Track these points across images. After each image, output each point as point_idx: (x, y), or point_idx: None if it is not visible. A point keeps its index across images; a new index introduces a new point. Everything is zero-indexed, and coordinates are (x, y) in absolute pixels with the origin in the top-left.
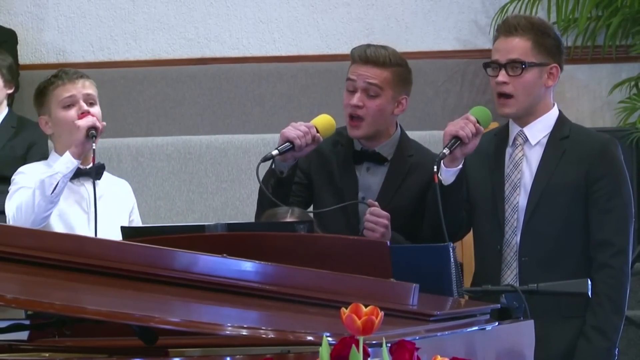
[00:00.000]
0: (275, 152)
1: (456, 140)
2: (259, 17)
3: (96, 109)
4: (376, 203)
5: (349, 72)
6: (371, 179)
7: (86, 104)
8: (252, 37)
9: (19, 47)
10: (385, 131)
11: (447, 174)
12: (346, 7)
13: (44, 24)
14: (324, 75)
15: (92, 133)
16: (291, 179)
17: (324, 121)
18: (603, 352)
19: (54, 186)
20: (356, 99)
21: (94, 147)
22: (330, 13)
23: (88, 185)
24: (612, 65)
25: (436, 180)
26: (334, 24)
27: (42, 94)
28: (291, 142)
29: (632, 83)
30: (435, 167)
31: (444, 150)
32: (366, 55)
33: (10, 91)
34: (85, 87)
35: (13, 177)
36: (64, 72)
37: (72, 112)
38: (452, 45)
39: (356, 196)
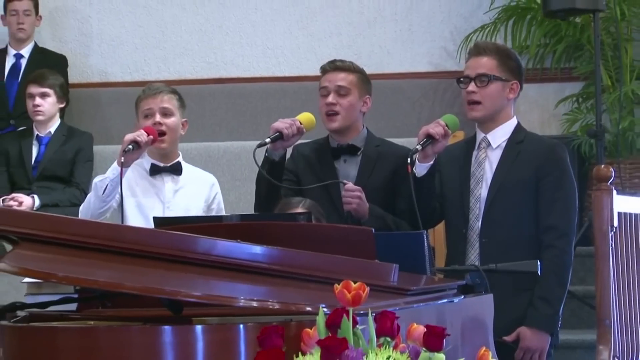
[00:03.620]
0: (267, 140)
1: (428, 139)
2: (267, 44)
3: (171, 120)
4: (350, 182)
5: (321, 83)
6: (348, 168)
7: (162, 115)
8: (261, 61)
9: (68, 69)
10: (355, 127)
11: (420, 168)
12: (338, 37)
13: (89, 50)
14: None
15: (128, 148)
16: (282, 164)
17: (305, 116)
18: (548, 318)
19: (103, 188)
20: (330, 98)
21: (122, 160)
22: (326, 41)
23: (167, 179)
24: (557, 84)
25: (409, 171)
26: (328, 50)
27: (135, 104)
28: (280, 132)
29: (574, 99)
30: (409, 159)
31: (417, 147)
32: (335, 65)
33: (62, 105)
34: (164, 102)
35: None
36: (149, 87)
37: (148, 122)
38: (425, 67)
39: (338, 184)
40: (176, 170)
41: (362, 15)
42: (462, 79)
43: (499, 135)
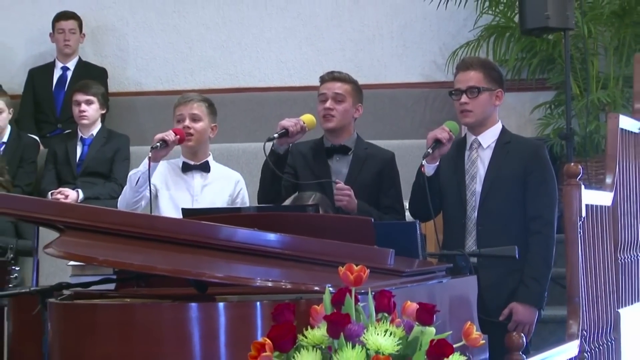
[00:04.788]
0: (276, 135)
1: (436, 143)
2: (280, 58)
3: (199, 125)
4: (340, 182)
5: (320, 90)
6: (340, 166)
7: (191, 120)
8: (275, 73)
9: (108, 80)
10: (347, 130)
11: (428, 168)
12: (342, 52)
13: (126, 64)
14: None
15: (155, 145)
16: (285, 157)
17: (308, 117)
18: (538, 295)
19: (136, 180)
20: (328, 104)
21: (149, 155)
22: (331, 55)
23: (196, 176)
24: (532, 93)
25: (424, 171)
26: (333, 63)
27: (173, 110)
28: (286, 129)
29: (547, 106)
30: (422, 161)
31: (428, 150)
32: (333, 75)
33: (103, 112)
34: (193, 108)
35: None
36: (183, 96)
37: (180, 126)
38: (418, 78)
39: (331, 179)
40: (205, 168)
41: (362, 34)
42: (453, 92)
43: (488, 137)
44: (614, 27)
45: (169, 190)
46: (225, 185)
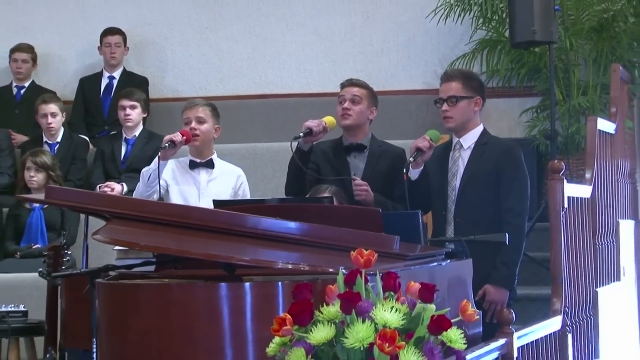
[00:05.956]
0: (301, 134)
1: (418, 152)
2: (300, 68)
3: (204, 126)
4: (357, 178)
5: (339, 94)
6: (357, 162)
7: (197, 122)
8: (295, 81)
9: (149, 87)
10: (363, 129)
11: (413, 173)
12: (354, 63)
13: (165, 73)
14: None
15: (164, 145)
16: (309, 154)
17: (329, 119)
18: (508, 278)
19: (148, 176)
20: (346, 104)
21: (158, 154)
22: (345, 66)
23: (202, 172)
24: (521, 99)
25: (405, 178)
26: (346, 73)
27: (181, 114)
28: (310, 129)
29: (534, 110)
30: (405, 170)
31: (410, 159)
32: (351, 81)
33: (145, 115)
34: (198, 112)
35: None
36: (189, 101)
37: (187, 128)
38: (420, 86)
39: (349, 174)
40: (209, 165)
41: (372, 47)
42: (437, 100)
43: (469, 139)
44: (592, 40)
45: (178, 185)
46: (228, 180)
